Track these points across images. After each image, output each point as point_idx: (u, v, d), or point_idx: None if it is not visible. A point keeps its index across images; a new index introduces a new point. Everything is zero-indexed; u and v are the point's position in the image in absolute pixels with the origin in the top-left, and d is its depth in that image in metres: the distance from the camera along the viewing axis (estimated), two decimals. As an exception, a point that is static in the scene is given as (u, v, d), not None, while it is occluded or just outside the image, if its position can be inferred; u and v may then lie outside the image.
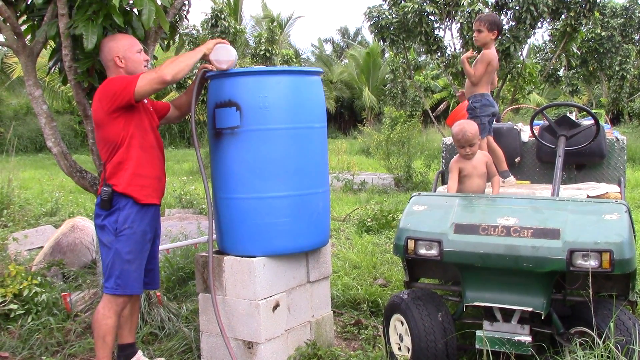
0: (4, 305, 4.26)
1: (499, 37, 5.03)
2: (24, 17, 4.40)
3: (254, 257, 3.53)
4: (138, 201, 3.44)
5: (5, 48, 17.19)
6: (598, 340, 3.01)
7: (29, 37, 4.48)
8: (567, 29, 12.67)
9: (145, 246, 3.54)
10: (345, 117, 38.16)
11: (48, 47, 4.66)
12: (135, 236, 3.46)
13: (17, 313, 4.27)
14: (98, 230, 3.53)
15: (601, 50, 18.66)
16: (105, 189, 3.45)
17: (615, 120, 27.11)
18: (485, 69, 4.73)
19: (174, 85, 15.80)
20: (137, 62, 3.50)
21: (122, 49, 3.48)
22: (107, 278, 3.47)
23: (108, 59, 3.51)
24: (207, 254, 3.66)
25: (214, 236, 3.71)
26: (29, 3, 4.22)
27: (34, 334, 4.15)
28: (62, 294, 4.53)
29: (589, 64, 19.18)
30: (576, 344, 3.11)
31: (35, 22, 4.29)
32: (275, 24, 18.71)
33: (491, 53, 4.76)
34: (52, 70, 4.55)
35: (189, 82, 15.34)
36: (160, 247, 5.44)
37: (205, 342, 3.77)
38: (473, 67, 4.81)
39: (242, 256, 3.57)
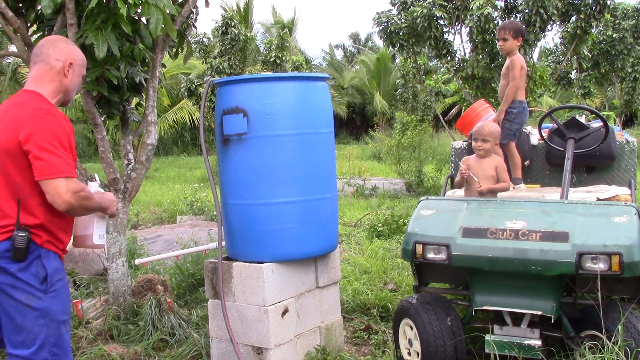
0: (17, 313, 4.30)
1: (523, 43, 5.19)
2: (34, 27, 4.46)
3: (263, 262, 3.54)
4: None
5: (18, 58, 17.34)
6: (608, 343, 2.99)
7: (39, 47, 4.53)
8: (578, 31, 12.59)
9: None
10: (356, 122, 38.15)
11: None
12: (66, 289, 2.80)
13: (29, 320, 4.30)
14: (7, 291, 2.61)
15: (613, 52, 18.51)
16: (20, 234, 2.58)
17: (629, 122, 26.88)
18: (520, 74, 4.88)
19: (185, 93, 15.87)
20: (76, 84, 2.89)
21: (80, 61, 2.90)
22: (37, 349, 2.64)
23: (55, 58, 2.79)
24: (216, 260, 3.67)
25: (223, 242, 3.72)
26: (38, 13, 4.28)
27: (46, 341, 4.17)
28: (74, 301, 4.56)
29: (601, 66, 19.03)
30: (586, 347, 3.09)
31: (45, 32, 4.34)
32: (285, 30, 18.70)
33: (519, 58, 4.93)
34: (62, 80, 4.59)
35: (200, 89, 15.42)
36: (171, 254, 5.50)
37: (215, 347, 3.78)
38: (506, 78, 4.94)
39: (250, 262, 3.59)
